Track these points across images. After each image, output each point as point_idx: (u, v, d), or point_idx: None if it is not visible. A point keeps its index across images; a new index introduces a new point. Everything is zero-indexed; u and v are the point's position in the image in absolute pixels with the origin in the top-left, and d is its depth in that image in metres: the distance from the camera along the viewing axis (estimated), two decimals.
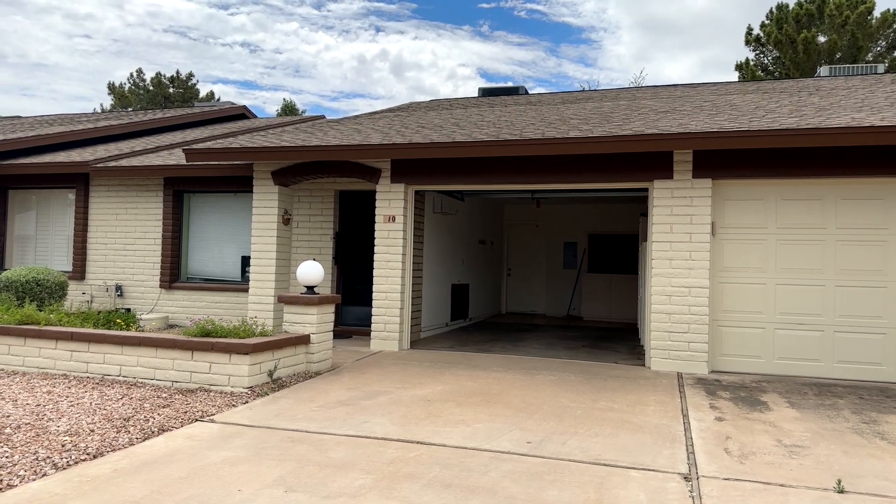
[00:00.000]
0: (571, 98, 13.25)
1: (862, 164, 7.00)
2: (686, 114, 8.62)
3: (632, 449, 4.48)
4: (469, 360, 7.88)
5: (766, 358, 7.37)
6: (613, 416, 5.33)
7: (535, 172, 8.15)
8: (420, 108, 12.91)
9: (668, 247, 7.54)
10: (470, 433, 4.78)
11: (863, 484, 3.87)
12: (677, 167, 7.54)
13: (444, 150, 8.10)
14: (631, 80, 31.62)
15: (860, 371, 7.09)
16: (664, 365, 7.43)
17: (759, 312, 7.42)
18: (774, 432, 4.93)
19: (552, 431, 4.86)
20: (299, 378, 6.58)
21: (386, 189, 8.68)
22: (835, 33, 25.27)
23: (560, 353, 8.74)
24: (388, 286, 8.57)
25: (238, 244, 10.68)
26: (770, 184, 7.44)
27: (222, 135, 12.92)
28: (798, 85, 11.79)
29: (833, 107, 8.20)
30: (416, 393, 6.05)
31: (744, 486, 3.81)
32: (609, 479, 3.89)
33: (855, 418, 5.40)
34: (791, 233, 7.38)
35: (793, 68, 25.63)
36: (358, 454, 4.27)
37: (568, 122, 8.91)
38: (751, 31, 28.22)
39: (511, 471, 4.01)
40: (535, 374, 7.08)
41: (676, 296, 7.46)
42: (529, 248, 15.38)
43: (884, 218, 7.16)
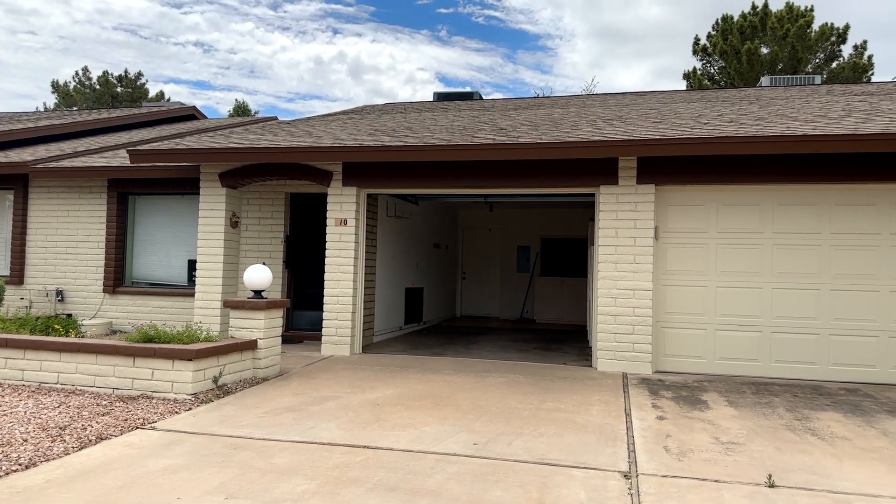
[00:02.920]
0: (524, 104, 13.42)
1: (796, 171, 7.30)
2: (632, 121, 8.84)
3: (575, 448, 4.56)
4: (421, 364, 7.90)
5: (708, 358, 7.62)
6: (559, 417, 5.42)
7: (486, 177, 8.23)
8: (374, 112, 12.88)
9: (614, 250, 7.71)
10: (417, 436, 4.79)
11: (793, 478, 4.03)
12: (622, 173, 7.73)
13: (396, 154, 8.11)
14: (583, 88, 32.23)
15: (795, 370, 7.38)
16: (610, 366, 7.60)
17: (701, 314, 7.67)
18: (713, 430, 5.10)
19: (499, 433, 4.91)
20: (246, 384, 6.48)
21: (338, 192, 8.63)
22: (776, 45, 26.29)
23: (512, 356, 8.83)
24: (339, 290, 8.52)
25: (185, 248, 10.45)
26: (710, 190, 7.69)
27: (170, 136, 12.63)
28: (740, 94, 12.23)
29: (771, 116, 8.54)
30: (366, 397, 6.03)
31: (680, 483, 3.93)
32: (552, 479, 3.96)
33: (789, 415, 5.62)
34: (730, 237, 7.65)
35: (737, 78, 26.55)
36: (302, 460, 4.24)
37: (519, 127, 9.04)
38: (698, 41, 29.13)
39: (456, 473, 4.04)
40: (485, 376, 7.14)
41: (621, 298, 7.64)
42: (484, 251, 15.50)
43: (818, 223, 7.48)
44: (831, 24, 26.58)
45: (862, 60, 26.44)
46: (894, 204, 7.30)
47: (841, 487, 3.88)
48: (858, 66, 26.22)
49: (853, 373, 7.25)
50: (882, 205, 7.33)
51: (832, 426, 5.26)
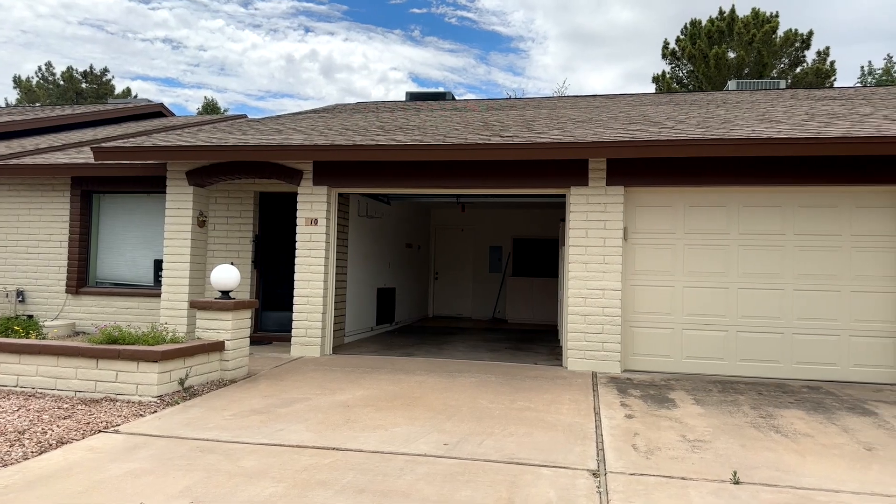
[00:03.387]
0: (496, 105, 13.46)
1: (761, 173, 7.45)
2: (602, 123, 8.93)
3: (545, 447, 4.58)
4: (392, 365, 7.86)
5: (675, 357, 7.73)
6: (530, 416, 5.44)
7: (458, 177, 8.23)
8: (345, 111, 12.80)
9: (584, 251, 7.78)
10: (388, 437, 4.77)
11: (757, 475, 4.10)
12: (592, 174, 7.80)
13: (367, 153, 8.06)
14: (555, 90, 32.49)
15: (760, 369, 7.53)
16: (580, 365, 7.66)
17: (669, 314, 7.78)
18: (679, 428, 5.17)
19: (470, 433, 4.91)
20: (213, 386, 6.38)
21: (308, 191, 8.54)
22: (743, 50, 26.83)
23: (483, 356, 8.85)
24: (309, 290, 8.43)
25: (151, 247, 10.25)
26: (678, 191, 7.81)
27: (136, 133, 12.38)
28: (707, 98, 12.43)
29: (737, 119, 8.70)
30: (336, 399, 5.98)
31: (648, 481, 3.97)
32: (521, 478, 3.97)
33: (753, 413, 5.72)
34: (697, 238, 7.77)
35: (705, 82, 27.02)
36: (270, 462, 4.18)
37: (491, 128, 9.06)
38: (667, 45, 29.57)
39: (426, 473, 4.03)
40: (457, 376, 7.14)
41: (591, 298, 7.71)
42: (456, 251, 15.52)
43: (782, 225, 7.64)
44: (796, 30, 27.22)
45: (825, 66, 27.12)
46: (855, 206, 7.50)
47: (803, 483, 3.96)
48: (821, 72, 26.89)
49: (816, 371, 7.42)
50: (843, 207, 7.52)
51: (795, 423, 5.38)
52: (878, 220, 7.43)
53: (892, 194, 7.41)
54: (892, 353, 7.33)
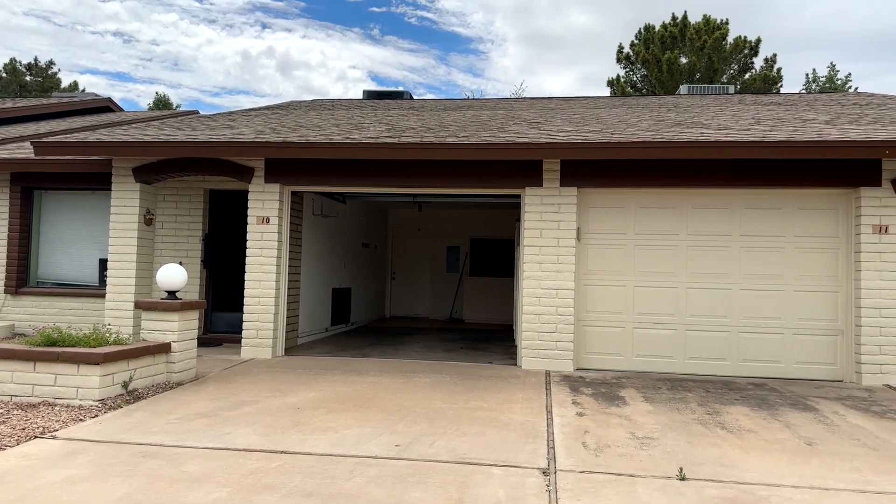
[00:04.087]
0: (453, 105, 13.46)
1: (709, 175, 7.63)
2: (556, 125, 9.01)
3: (497, 446, 4.58)
4: (346, 366, 7.77)
5: (626, 355, 7.85)
6: (483, 416, 5.44)
7: (414, 176, 8.19)
8: (300, 108, 12.61)
9: (538, 251, 7.84)
10: (338, 440, 4.69)
11: (702, 471, 4.18)
12: (546, 175, 7.86)
13: (320, 151, 7.95)
14: (512, 92, 32.75)
15: (708, 366, 7.72)
16: (534, 364, 7.71)
17: (620, 313, 7.90)
18: (629, 425, 5.24)
19: (422, 433, 4.88)
20: (159, 389, 6.18)
21: (259, 189, 8.37)
22: (694, 55, 27.53)
23: (439, 356, 8.83)
24: (261, 290, 8.27)
25: (96, 246, 9.90)
26: (629, 193, 7.94)
27: (81, 128, 11.95)
28: (659, 101, 12.69)
29: (687, 122, 8.90)
30: (286, 401, 5.86)
31: (596, 478, 4.01)
32: (472, 478, 3.96)
33: (700, 410, 5.85)
34: (648, 239, 7.92)
35: (658, 86, 27.62)
36: (215, 467, 4.07)
37: (447, 128, 9.05)
38: (622, 49, 30.12)
39: (376, 475, 3.98)
40: (411, 376, 7.10)
41: (545, 297, 7.77)
42: (414, 251, 15.47)
43: (729, 226, 7.85)
44: (745, 37, 28.07)
45: (772, 73, 28.04)
46: (798, 209, 7.75)
47: (746, 478, 4.05)
48: (769, 78, 27.79)
49: (761, 368, 7.64)
50: (787, 209, 7.76)
51: (740, 420, 5.51)
52: (820, 221, 7.70)
53: (833, 197, 7.68)
54: (832, 351, 7.60)
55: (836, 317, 7.61)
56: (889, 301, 7.27)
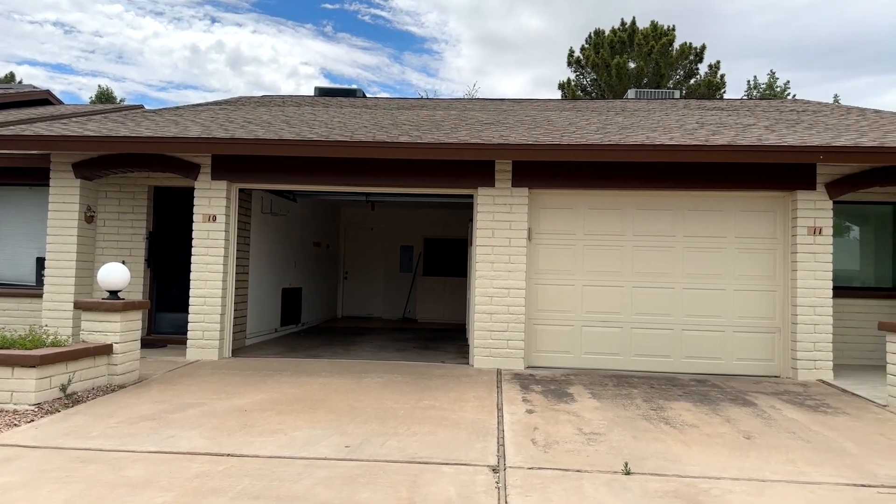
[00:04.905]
0: (407, 104, 13.44)
1: (654, 178, 7.84)
2: (508, 126, 9.10)
3: (448, 445, 4.60)
4: (296, 367, 7.67)
5: (575, 353, 8.00)
6: (434, 415, 5.45)
7: (367, 175, 8.14)
8: (249, 104, 12.37)
9: (491, 250, 7.91)
10: (287, 442, 4.63)
11: (647, 465, 4.30)
12: (499, 176, 7.94)
13: (270, 148, 7.82)
14: (466, 93, 32.92)
15: (652, 363, 7.93)
16: (486, 363, 7.77)
17: (569, 311, 8.04)
18: (577, 422, 5.34)
19: (373, 434, 4.86)
20: (99, 392, 5.97)
21: (206, 186, 8.18)
22: (642, 60, 28.22)
23: (391, 356, 8.80)
24: (207, 290, 8.07)
25: (34, 244, 9.48)
26: (579, 194, 8.09)
27: (17, 121, 11.40)
28: (608, 105, 12.96)
29: (634, 126, 9.11)
30: (233, 403, 5.75)
31: (545, 474, 4.07)
32: (422, 477, 3.97)
33: (645, 406, 6.01)
34: (596, 239, 8.09)
35: (607, 90, 28.20)
36: (159, 471, 3.96)
37: (400, 126, 9.03)
38: (572, 53, 30.62)
39: (326, 477, 3.94)
40: (363, 377, 7.06)
41: (497, 297, 7.84)
42: (366, 251, 15.38)
43: (673, 227, 8.08)
44: (690, 43, 28.91)
45: (716, 79, 28.98)
46: (739, 211, 8.04)
47: (689, 472, 4.18)
48: (713, 84, 28.72)
49: (703, 364, 7.90)
50: (728, 211, 8.04)
51: (683, 415, 5.68)
52: (759, 223, 8.00)
53: (771, 200, 7.99)
54: (770, 348, 7.91)
55: (773, 315, 7.92)
56: (823, 300, 7.61)
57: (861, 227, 9.42)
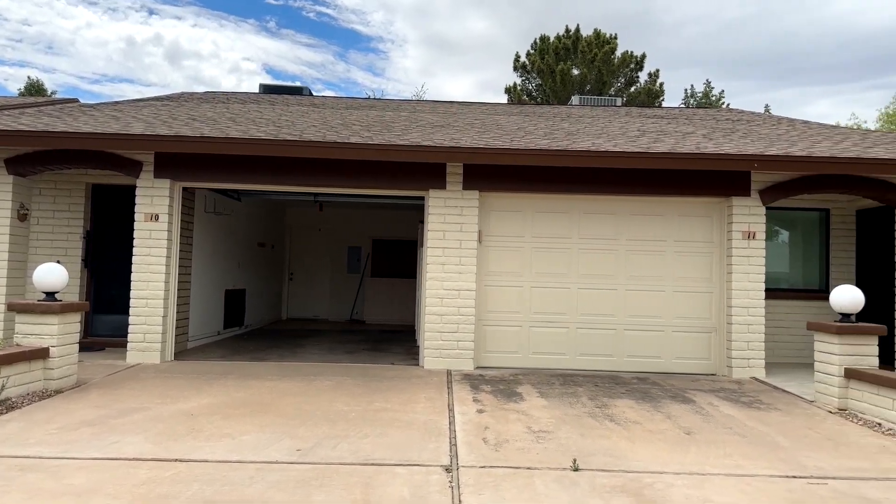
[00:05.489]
0: (356, 104, 13.38)
1: (599, 183, 8.07)
2: (459, 129, 9.20)
3: (400, 446, 4.63)
4: (242, 370, 7.53)
5: (523, 353, 8.16)
6: (386, 416, 5.47)
7: (315, 175, 8.07)
8: (193, 100, 12.06)
9: (441, 252, 7.97)
10: (236, 446, 4.56)
11: (594, 461, 4.44)
12: (450, 178, 8.02)
13: (217, 146, 7.65)
14: (414, 93, 32.97)
15: (597, 362, 8.16)
16: (436, 363, 7.83)
17: (518, 312, 8.19)
18: (526, 420, 5.46)
19: (324, 436, 4.84)
20: (35, 398, 5.72)
21: (148, 185, 7.94)
22: (586, 67, 28.91)
23: (340, 358, 8.75)
24: (149, 292, 7.84)
25: None
26: (527, 198, 8.25)
27: None
28: (554, 111, 13.24)
29: (580, 132, 9.36)
30: (179, 407, 5.61)
31: (497, 473, 4.15)
32: (376, 478, 3.98)
33: (591, 404, 6.18)
34: (544, 242, 8.27)
35: (552, 95, 28.75)
36: (104, 478, 3.83)
37: (350, 127, 8.99)
38: (518, 58, 31.08)
39: (278, 480, 3.91)
40: (312, 380, 7.00)
41: (448, 298, 7.92)
42: (313, 251, 15.20)
43: (616, 230, 8.34)
44: (632, 52, 29.80)
45: (655, 87, 29.94)
46: (678, 215, 8.36)
47: (633, 467, 4.35)
48: (652, 92, 29.67)
49: (644, 363, 8.18)
50: (668, 216, 8.36)
51: (626, 412, 5.88)
52: (697, 227, 8.35)
53: (709, 205, 8.35)
54: (707, 347, 8.26)
55: (710, 315, 8.28)
56: (756, 301, 8.00)
57: (791, 231, 9.95)
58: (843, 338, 6.22)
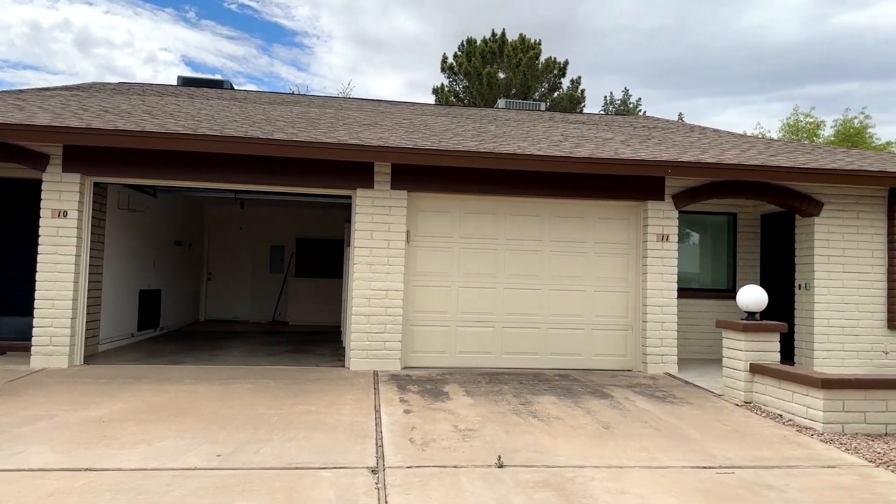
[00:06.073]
0: (279, 100, 13.09)
1: (524, 185, 8.24)
2: (387, 129, 9.17)
3: (326, 449, 4.57)
4: (158, 374, 7.21)
5: (450, 352, 8.23)
6: (310, 419, 5.38)
7: (237, 172, 7.83)
8: (106, 90, 11.45)
9: (369, 252, 7.92)
10: (152, 453, 4.37)
11: (518, 457, 4.54)
12: (378, 178, 7.97)
13: (132, 140, 7.29)
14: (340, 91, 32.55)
15: (521, 360, 8.34)
16: (363, 364, 7.77)
17: (445, 312, 8.26)
18: (453, 419, 5.51)
19: (246, 441, 4.71)
20: None
21: (56, 179, 7.47)
22: (511, 71, 29.45)
23: (262, 360, 8.53)
24: (56, 292, 7.38)
25: None
26: (455, 198, 8.33)
27: None
28: (481, 113, 13.43)
29: (505, 135, 9.53)
30: (89, 414, 5.31)
31: (423, 472, 4.17)
32: (301, 482, 3.92)
33: (515, 401, 6.31)
34: (471, 242, 8.37)
35: (479, 97, 29.12)
36: (6, 491, 3.58)
37: (274, 123, 8.78)
38: (446, 59, 31.29)
39: (197, 487, 3.78)
40: (231, 383, 6.79)
41: (375, 298, 7.87)
42: (233, 251, 14.74)
43: (541, 232, 8.54)
44: (555, 58, 30.60)
45: (577, 93, 30.87)
46: (598, 218, 8.65)
47: (556, 462, 4.47)
48: (574, 98, 30.57)
49: (566, 360, 8.42)
50: (589, 218, 8.64)
51: (549, 408, 6.04)
52: (615, 230, 8.67)
53: (626, 208, 8.69)
54: (624, 344, 8.59)
55: (627, 314, 8.62)
56: (669, 300, 8.39)
57: (702, 234, 10.50)
58: (748, 335, 6.62)
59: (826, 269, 8.66)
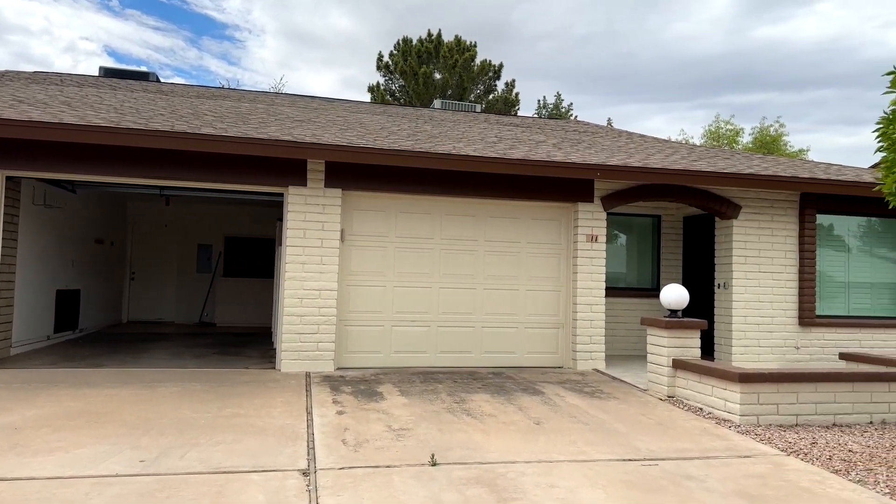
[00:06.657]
0: (208, 93, 12.69)
1: (460, 185, 8.31)
2: (321, 125, 9.04)
3: (255, 453, 4.47)
4: (76, 378, 6.86)
5: (385, 352, 8.20)
6: (239, 422, 5.24)
7: (163, 167, 7.54)
8: (20, 79, 10.80)
9: (302, 251, 7.79)
10: (70, 460, 4.15)
11: (451, 455, 4.57)
12: (311, 175, 7.85)
13: (48, 133, 6.91)
14: (272, 86, 31.84)
15: (456, 359, 8.40)
16: (294, 366, 7.64)
17: (380, 312, 8.22)
18: (386, 419, 5.49)
19: (171, 446, 4.54)
20: None
21: None
22: (447, 72, 29.60)
23: (187, 363, 8.25)
24: None
25: None
26: (391, 198, 8.30)
27: None
28: (417, 113, 13.44)
29: (441, 136, 9.57)
30: (0, 421, 5.00)
31: (356, 473, 4.14)
32: (229, 487, 3.81)
33: (449, 399, 6.35)
34: (407, 242, 8.37)
35: (415, 97, 29.12)
36: None
37: (202, 117, 8.52)
38: (381, 57, 31.13)
39: (119, 495, 3.62)
40: (156, 386, 6.53)
41: (308, 298, 7.75)
42: (158, 249, 14.17)
43: (475, 232, 8.63)
44: (490, 61, 30.95)
45: (511, 96, 31.34)
46: (531, 219, 8.82)
47: (489, 458, 4.53)
48: (508, 100, 31.02)
49: (500, 358, 8.55)
50: (522, 219, 8.79)
51: (482, 406, 6.11)
52: (547, 230, 8.86)
53: (558, 210, 8.89)
54: (555, 342, 8.79)
55: (558, 312, 8.83)
56: (597, 299, 8.65)
57: (629, 235, 10.87)
58: (670, 332, 6.91)
59: (743, 269, 9.13)
